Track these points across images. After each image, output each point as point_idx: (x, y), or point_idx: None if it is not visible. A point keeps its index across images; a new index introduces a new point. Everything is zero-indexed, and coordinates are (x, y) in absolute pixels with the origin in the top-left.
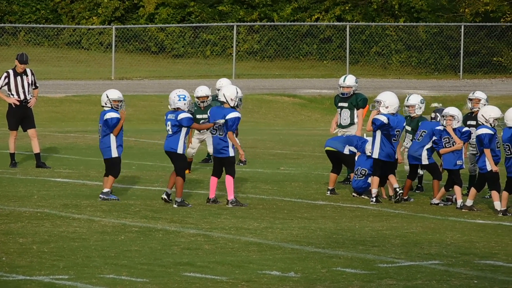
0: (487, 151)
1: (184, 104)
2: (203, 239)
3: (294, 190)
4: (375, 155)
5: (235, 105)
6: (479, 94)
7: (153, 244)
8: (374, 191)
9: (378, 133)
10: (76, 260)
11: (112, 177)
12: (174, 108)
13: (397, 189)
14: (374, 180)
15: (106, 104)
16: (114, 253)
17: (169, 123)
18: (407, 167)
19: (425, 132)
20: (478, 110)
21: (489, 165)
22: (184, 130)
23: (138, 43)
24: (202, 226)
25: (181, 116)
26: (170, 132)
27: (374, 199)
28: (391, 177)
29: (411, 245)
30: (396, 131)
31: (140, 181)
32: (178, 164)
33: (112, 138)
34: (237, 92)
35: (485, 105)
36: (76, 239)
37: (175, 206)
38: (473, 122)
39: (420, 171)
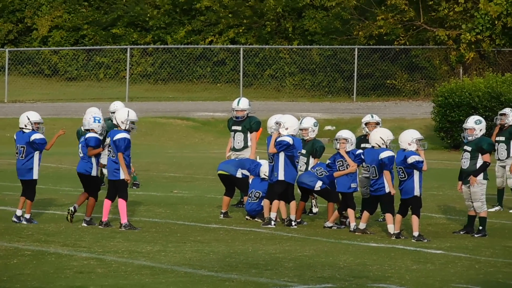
0: (387, 173)
1: (98, 126)
2: (96, 262)
3: (187, 213)
4: (281, 177)
5: (127, 128)
6: (377, 118)
7: (45, 267)
8: (273, 215)
9: (282, 155)
10: None
11: (29, 200)
12: (88, 130)
13: (292, 219)
14: (274, 204)
15: (26, 126)
16: (7, 276)
17: (80, 145)
18: (298, 191)
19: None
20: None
21: (388, 187)
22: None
23: (31, 66)
24: (95, 249)
25: (88, 135)
26: (81, 154)
27: (273, 223)
28: (293, 203)
29: (304, 268)
30: (298, 153)
31: (33, 205)
32: (91, 186)
33: (36, 160)
34: (128, 115)
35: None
36: None
37: (84, 225)
38: (368, 145)
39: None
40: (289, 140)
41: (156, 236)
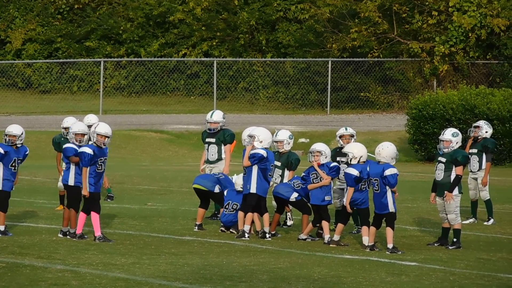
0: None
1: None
2: (70, 274)
3: (161, 225)
4: (253, 189)
5: (87, 141)
6: (351, 130)
7: (20, 279)
8: (247, 227)
9: (255, 168)
10: None
11: (2, 212)
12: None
13: (265, 231)
14: (248, 217)
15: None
16: None
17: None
18: (274, 203)
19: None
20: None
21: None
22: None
23: (5, 79)
24: (69, 261)
25: (65, 146)
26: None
27: (247, 235)
28: (266, 216)
29: (278, 280)
30: (271, 166)
31: (7, 217)
32: (70, 196)
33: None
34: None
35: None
36: None
37: (74, 239)
38: (344, 159)
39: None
40: (263, 153)
41: (130, 249)
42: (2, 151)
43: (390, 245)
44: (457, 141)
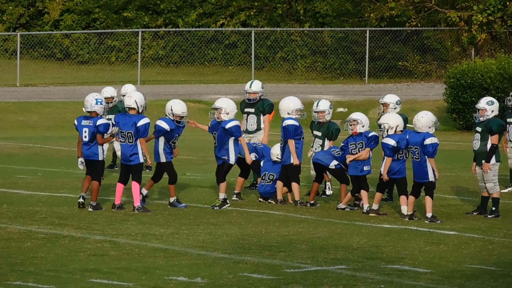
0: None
1: (101, 108)
2: (109, 245)
3: (200, 196)
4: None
5: (142, 111)
6: (388, 99)
7: (59, 250)
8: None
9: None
10: None
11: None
12: (89, 112)
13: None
14: (295, 187)
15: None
16: (20, 259)
17: (86, 129)
18: (313, 172)
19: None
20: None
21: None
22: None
23: (43, 49)
24: (108, 232)
25: (100, 122)
26: (86, 139)
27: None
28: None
29: (317, 250)
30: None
31: (46, 188)
32: (97, 170)
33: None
34: (144, 98)
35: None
36: None
37: (90, 210)
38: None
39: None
40: (166, 126)
41: (169, 219)
42: (168, 128)
43: (429, 214)
44: (492, 110)
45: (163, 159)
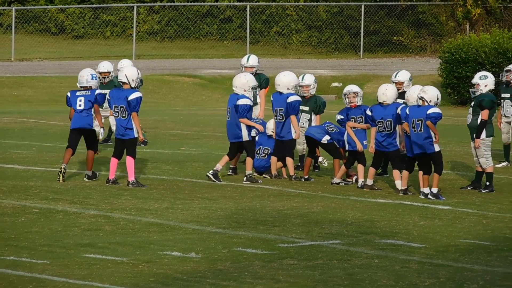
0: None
1: (96, 83)
2: (103, 220)
3: (194, 170)
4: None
5: (136, 86)
6: (402, 77)
7: (53, 225)
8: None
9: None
10: None
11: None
12: (84, 87)
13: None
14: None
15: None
16: (15, 234)
17: (81, 98)
18: (299, 147)
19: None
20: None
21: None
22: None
23: (38, 24)
24: (102, 207)
25: (99, 91)
26: (81, 107)
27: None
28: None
29: (312, 224)
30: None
31: (40, 162)
32: (92, 139)
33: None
34: (138, 73)
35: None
36: None
37: (85, 179)
38: (400, 101)
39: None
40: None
41: (163, 194)
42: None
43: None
44: (486, 84)
45: None
